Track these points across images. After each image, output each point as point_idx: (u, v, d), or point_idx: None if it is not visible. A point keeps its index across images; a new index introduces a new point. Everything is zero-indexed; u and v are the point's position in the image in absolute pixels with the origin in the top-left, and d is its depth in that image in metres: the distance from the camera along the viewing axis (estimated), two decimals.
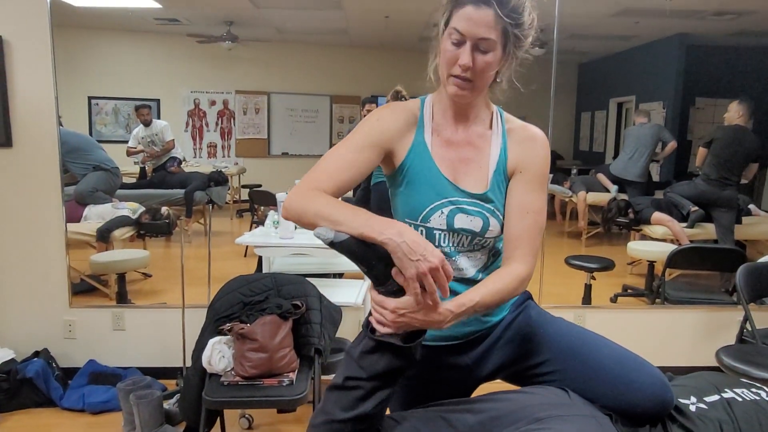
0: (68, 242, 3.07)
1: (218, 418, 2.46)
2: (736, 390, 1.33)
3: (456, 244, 1.29)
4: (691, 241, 3.81)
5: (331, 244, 1.06)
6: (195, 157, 4.16)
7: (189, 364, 2.46)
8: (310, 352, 2.32)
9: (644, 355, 1.29)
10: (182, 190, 3.93)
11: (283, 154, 4.36)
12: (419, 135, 1.29)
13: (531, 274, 1.26)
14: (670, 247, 3.53)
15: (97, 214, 3.50)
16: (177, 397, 2.76)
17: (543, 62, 3.18)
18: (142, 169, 3.97)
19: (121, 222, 3.55)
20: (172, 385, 2.99)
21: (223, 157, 4.21)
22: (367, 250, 1.06)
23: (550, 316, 1.39)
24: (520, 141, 1.30)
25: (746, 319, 2.71)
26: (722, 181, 3.79)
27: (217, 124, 4.17)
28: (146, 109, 3.91)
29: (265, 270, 2.99)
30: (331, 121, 4.32)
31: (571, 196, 4.47)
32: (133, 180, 3.94)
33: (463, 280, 1.29)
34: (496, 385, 1.35)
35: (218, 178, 4.11)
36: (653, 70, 4.38)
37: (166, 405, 2.68)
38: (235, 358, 2.23)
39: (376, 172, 1.33)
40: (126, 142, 3.93)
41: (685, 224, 3.87)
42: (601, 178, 4.34)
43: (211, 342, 2.25)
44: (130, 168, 3.91)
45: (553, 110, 3.31)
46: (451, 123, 1.31)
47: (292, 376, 2.23)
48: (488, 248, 1.33)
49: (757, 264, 2.89)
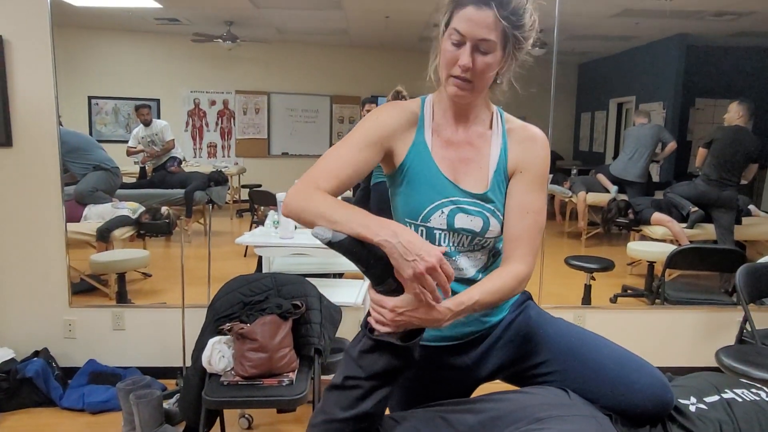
0: (68, 242, 3.07)
1: (218, 418, 2.46)
2: (736, 390, 1.33)
3: (456, 244, 1.29)
4: (691, 242, 3.81)
5: (329, 243, 1.07)
6: (195, 157, 4.16)
7: (189, 363, 2.46)
8: (310, 352, 2.32)
9: (644, 356, 1.29)
10: (182, 190, 3.93)
11: (283, 154, 4.36)
12: (419, 135, 1.29)
13: (530, 274, 1.26)
14: (670, 248, 3.53)
15: (97, 214, 3.50)
16: (177, 396, 2.76)
17: (543, 62, 3.18)
18: (142, 169, 3.97)
19: (121, 222, 3.55)
20: (171, 384, 2.99)
21: (223, 157, 4.21)
22: (365, 250, 1.07)
23: (550, 317, 1.40)
24: (521, 141, 1.30)
25: (746, 319, 2.71)
26: (722, 181, 3.80)
27: (217, 124, 4.17)
28: (146, 109, 3.91)
29: (265, 270, 2.99)
30: (331, 122, 4.32)
31: (571, 197, 4.47)
32: (133, 180, 3.94)
33: (463, 280, 1.29)
34: (496, 386, 1.35)
35: (218, 178, 4.11)
36: (653, 70, 4.38)
37: (166, 405, 2.67)
38: (235, 358, 2.23)
39: (376, 172, 1.33)
40: (126, 141, 3.93)
41: (684, 225, 3.87)
42: (601, 178, 4.34)
43: (211, 342, 2.25)
44: (130, 168, 3.91)
45: (553, 110, 3.31)
46: (452, 123, 1.31)
47: (292, 376, 2.23)
48: (488, 248, 1.33)
49: (756, 264, 2.90)
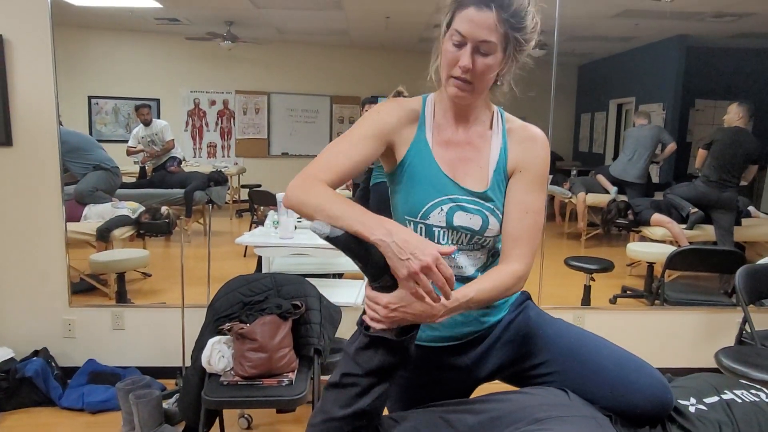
0: (68, 241, 3.07)
1: (217, 418, 2.46)
2: (736, 391, 1.33)
3: (455, 242, 1.29)
4: (691, 243, 3.81)
5: (327, 238, 1.08)
6: (195, 157, 4.16)
7: (188, 363, 2.46)
8: (310, 352, 2.32)
9: (643, 357, 1.29)
10: (182, 190, 3.93)
11: (282, 154, 4.36)
12: (420, 132, 1.30)
13: (528, 274, 1.26)
14: (670, 249, 3.53)
15: (96, 214, 3.49)
16: (176, 396, 2.75)
17: (543, 63, 3.18)
18: (142, 169, 3.97)
19: (121, 221, 3.54)
20: (171, 384, 2.99)
21: (223, 157, 4.21)
22: (362, 246, 1.08)
23: (549, 317, 1.40)
24: (521, 141, 1.31)
25: (745, 320, 2.71)
26: (722, 182, 3.80)
27: (217, 124, 4.17)
28: (146, 109, 3.91)
29: (264, 270, 2.99)
30: (331, 122, 4.32)
31: (571, 197, 4.47)
32: (133, 179, 3.94)
33: (461, 279, 1.29)
34: (496, 386, 1.35)
35: (218, 178, 4.11)
36: (653, 71, 4.38)
37: (166, 405, 2.67)
38: (235, 358, 2.23)
39: (376, 172, 1.34)
40: (126, 141, 3.93)
41: (684, 226, 3.87)
42: (601, 179, 4.34)
43: (211, 342, 2.25)
44: (129, 167, 3.91)
45: (553, 111, 3.31)
46: (452, 123, 1.31)
47: (292, 376, 2.23)
48: (488, 248, 1.33)
49: (756, 266, 2.90)
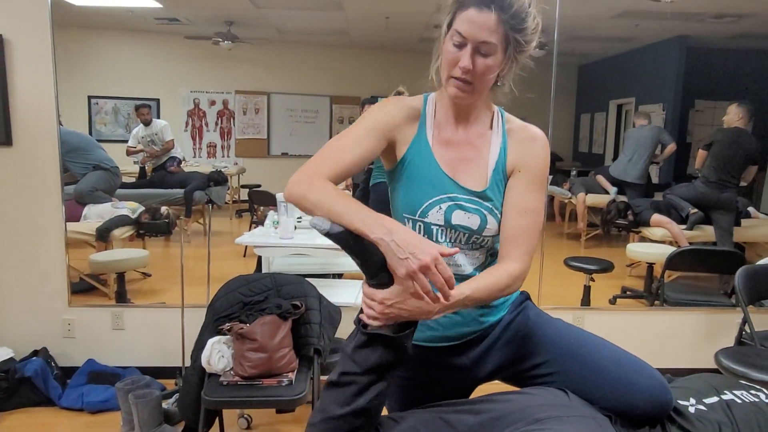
0: (68, 241, 3.07)
1: (217, 418, 2.46)
2: (735, 392, 1.33)
3: (453, 241, 1.30)
4: (690, 243, 3.81)
5: (326, 234, 1.08)
6: (194, 157, 4.15)
7: (188, 363, 2.46)
8: (310, 353, 2.32)
9: (643, 357, 1.29)
10: (182, 190, 3.93)
11: (282, 154, 4.35)
12: (421, 131, 1.30)
13: (525, 273, 1.26)
14: (669, 249, 3.53)
15: (96, 214, 3.49)
16: (176, 396, 2.75)
17: (543, 64, 3.18)
18: (142, 169, 3.97)
19: (121, 221, 3.54)
20: (171, 384, 2.99)
21: (223, 157, 4.21)
22: (360, 244, 1.08)
23: (549, 317, 1.40)
24: (520, 141, 1.31)
25: (745, 321, 2.72)
26: (721, 183, 3.80)
27: (216, 124, 4.17)
28: (146, 109, 3.91)
29: (264, 270, 2.99)
30: (330, 122, 4.32)
31: (571, 198, 4.47)
32: (133, 179, 3.94)
33: (459, 277, 1.29)
34: (495, 386, 1.35)
35: (218, 178, 4.11)
36: (653, 72, 4.38)
37: (165, 404, 2.67)
38: (235, 358, 2.23)
39: (376, 173, 1.34)
40: (126, 141, 3.93)
41: (684, 226, 3.87)
42: (601, 179, 4.34)
43: (211, 342, 2.25)
44: (129, 167, 3.91)
45: (553, 112, 3.31)
46: (452, 123, 1.31)
47: (291, 376, 2.23)
48: (486, 247, 1.33)
49: (755, 266, 2.90)
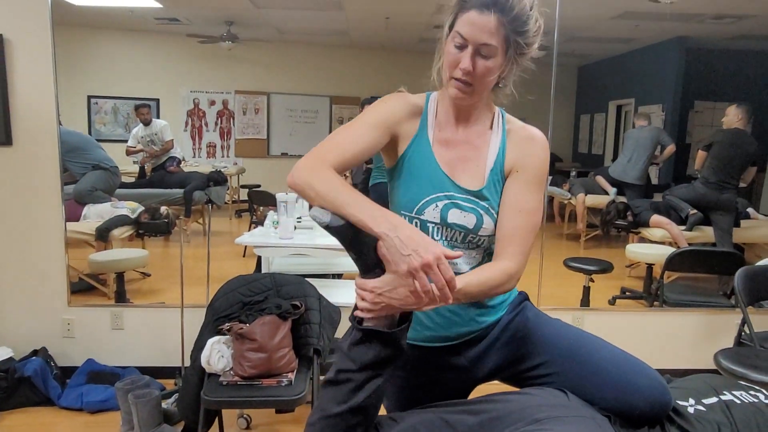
0: (67, 241, 3.07)
1: (216, 418, 2.46)
2: (735, 392, 1.33)
3: (449, 239, 1.30)
4: (690, 244, 3.82)
5: (326, 227, 1.08)
6: (194, 157, 4.16)
7: (188, 363, 2.46)
8: (309, 353, 2.32)
9: (642, 358, 1.29)
10: (181, 190, 3.93)
11: (282, 154, 4.36)
12: (423, 129, 1.31)
13: (520, 272, 1.25)
14: (669, 250, 3.53)
15: (96, 213, 3.49)
16: (175, 396, 2.75)
17: (543, 65, 3.17)
18: (142, 169, 3.97)
19: (120, 221, 3.54)
20: (170, 384, 2.99)
21: (223, 157, 4.21)
22: (359, 238, 1.07)
23: (548, 318, 1.40)
24: (519, 141, 1.31)
25: (744, 322, 2.72)
26: (721, 184, 3.80)
27: (216, 124, 4.17)
28: (146, 109, 3.91)
29: (264, 270, 2.99)
30: (330, 122, 4.32)
31: (570, 199, 4.48)
32: (133, 179, 3.94)
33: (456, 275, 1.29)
34: (495, 386, 1.35)
35: (217, 178, 4.11)
36: (653, 73, 4.39)
37: (165, 404, 2.67)
38: (234, 358, 2.23)
39: (375, 173, 1.34)
40: (125, 141, 3.93)
41: (683, 227, 3.88)
42: (600, 180, 4.35)
43: (210, 342, 2.25)
44: (129, 167, 3.91)
45: (553, 112, 3.32)
46: (453, 123, 1.32)
47: (291, 376, 2.23)
48: (483, 247, 1.33)
49: (755, 267, 2.90)
